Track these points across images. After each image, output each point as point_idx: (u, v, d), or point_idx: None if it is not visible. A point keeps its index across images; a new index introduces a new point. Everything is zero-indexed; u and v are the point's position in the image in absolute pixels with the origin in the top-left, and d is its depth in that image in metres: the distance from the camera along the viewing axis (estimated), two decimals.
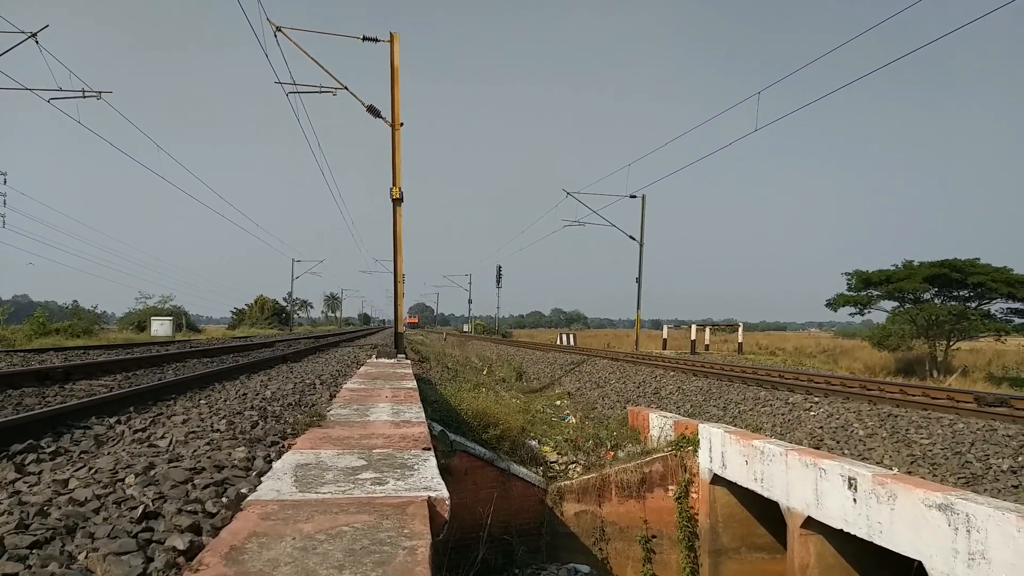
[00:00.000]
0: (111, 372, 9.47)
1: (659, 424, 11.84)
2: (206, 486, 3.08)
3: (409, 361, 14.02)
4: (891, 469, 7.87)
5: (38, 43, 15.19)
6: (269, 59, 13.57)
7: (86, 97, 16.77)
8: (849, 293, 33.90)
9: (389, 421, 5.25)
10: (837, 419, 10.23)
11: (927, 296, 31.34)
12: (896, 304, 32.92)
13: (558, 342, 44.73)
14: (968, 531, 5.76)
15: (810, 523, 7.93)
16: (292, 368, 11.64)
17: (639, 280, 32.30)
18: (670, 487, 10.82)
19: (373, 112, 14.79)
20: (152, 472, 3.33)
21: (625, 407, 14.82)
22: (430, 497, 2.92)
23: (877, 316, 36.54)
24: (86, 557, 2.27)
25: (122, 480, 3.22)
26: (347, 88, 15.19)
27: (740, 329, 39.15)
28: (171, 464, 3.50)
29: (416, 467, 3.55)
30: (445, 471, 8.47)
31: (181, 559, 2.28)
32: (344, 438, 4.41)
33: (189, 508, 2.76)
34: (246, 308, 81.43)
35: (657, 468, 10.91)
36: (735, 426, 10.97)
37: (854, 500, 7.14)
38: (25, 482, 3.34)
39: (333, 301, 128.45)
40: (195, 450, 3.92)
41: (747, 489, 9.27)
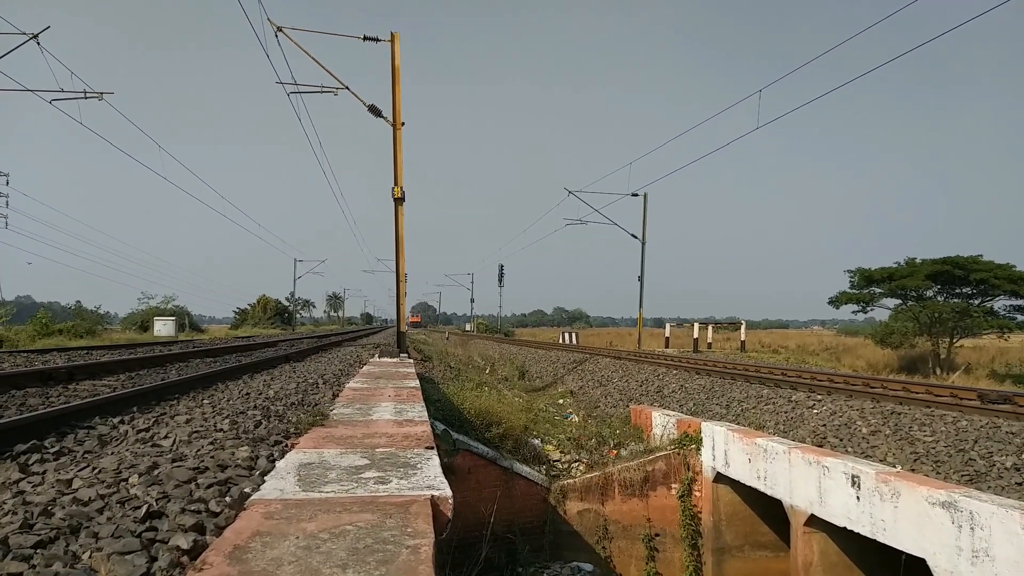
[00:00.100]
0: (114, 372, 9.48)
1: (662, 422, 11.83)
2: (209, 485, 3.08)
3: (412, 360, 14.01)
4: (894, 467, 7.85)
5: (39, 44, 15.22)
6: (270, 59, 13.59)
7: (87, 98, 16.77)
8: (852, 291, 33.85)
9: (392, 420, 5.25)
10: (840, 417, 10.21)
11: (930, 293, 31.27)
12: (899, 301, 32.85)
13: (560, 341, 44.72)
14: (972, 529, 5.75)
15: (813, 521, 7.91)
16: (295, 368, 11.64)
17: (641, 278, 32.27)
18: (673, 485, 10.81)
19: (374, 112, 14.81)
20: (156, 472, 3.34)
21: (628, 406, 14.81)
22: (433, 496, 2.91)
23: (880, 314, 36.55)
24: (90, 557, 2.27)
25: (126, 480, 3.22)
26: (348, 88, 15.19)
27: (743, 327, 39.16)
28: (175, 464, 3.50)
29: (419, 466, 3.54)
30: (448, 470, 8.45)
31: (185, 558, 2.28)
32: (347, 437, 4.41)
33: (193, 507, 2.76)
34: (248, 308, 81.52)
35: (660, 466, 10.90)
36: (738, 424, 10.97)
37: (857, 498, 7.12)
38: (29, 482, 3.35)
39: (335, 301, 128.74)
40: (198, 450, 3.92)
41: (750, 487, 9.26)
